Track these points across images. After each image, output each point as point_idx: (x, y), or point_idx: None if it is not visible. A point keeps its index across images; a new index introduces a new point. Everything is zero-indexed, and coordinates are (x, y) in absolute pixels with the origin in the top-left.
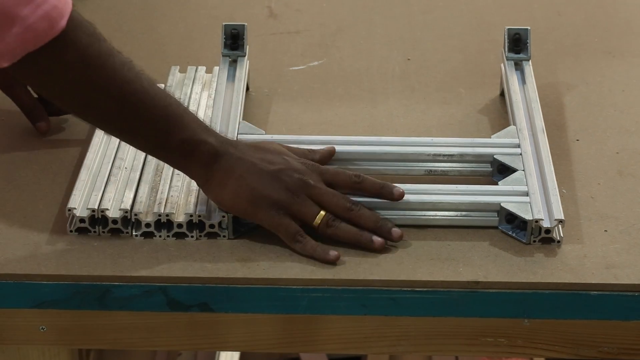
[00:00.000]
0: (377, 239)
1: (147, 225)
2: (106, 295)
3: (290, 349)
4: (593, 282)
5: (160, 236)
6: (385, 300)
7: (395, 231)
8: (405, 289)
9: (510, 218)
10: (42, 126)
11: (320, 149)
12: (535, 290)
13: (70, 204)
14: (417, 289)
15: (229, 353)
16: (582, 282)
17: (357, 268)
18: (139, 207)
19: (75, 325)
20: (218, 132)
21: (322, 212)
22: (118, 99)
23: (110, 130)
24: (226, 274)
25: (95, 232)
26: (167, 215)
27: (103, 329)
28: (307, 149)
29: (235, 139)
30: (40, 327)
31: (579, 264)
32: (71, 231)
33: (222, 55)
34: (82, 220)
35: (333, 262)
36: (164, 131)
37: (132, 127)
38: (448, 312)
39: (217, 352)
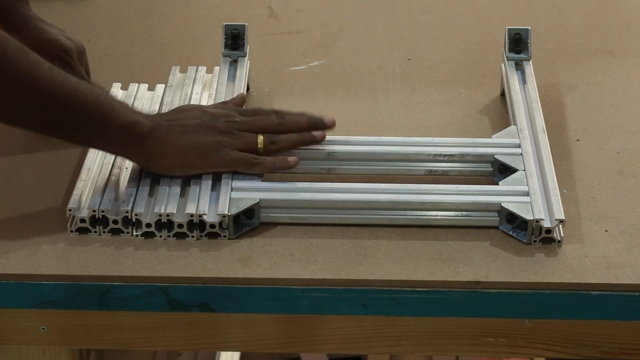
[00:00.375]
0: (317, 132)
1: (148, 225)
2: (107, 295)
3: (291, 349)
4: (594, 282)
5: (160, 236)
6: (385, 300)
7: (327, 119)
8: (405, 289)
9: (511, 218)
10: None
11: (231, 99)
12: (536, 290)
13: (71, 204)
14: (418, 289)
15: (230, 353)
16: (582, 282)
17: (358, 268)
18: (140, 207)
19: (75, 325)
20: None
21: (261, 136)
22: (53, 103)
23: (48, 132)
24: (227, 274)
25: (95, 232)
26: (167, 216)
27: (103, 329)
28: (220, 102)
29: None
30: (41, 327)
31: (580, 264)
32: (72, 231)
33: (223, 55)
34: (82, 220)
35: (294, 166)
36: (100, 123)
37: (70, 126)
38: (449, 312)
39: (218, 352)
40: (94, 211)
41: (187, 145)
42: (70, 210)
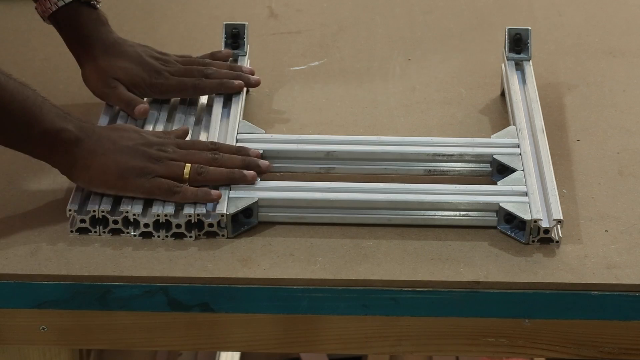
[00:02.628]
0: (248, 172)
1: (146, 225)
2: (107, 296)
3: (291, 349)
4: (594, 282)
5: (158, 236)
6: (386, 301)
7: (263, 162)
8: (406, 289)
9: (509, 218)
10: (143, 107)
11: (174, 129)
12: (536, 290)
13: (71, 204)
14: (418, 289)
15: (230, 353)
16: (582, 282)
17: (358, 268)
18: (138, 207)
19: (75, 325)
20: (80, 119)
21: (188, 165)
22: None
23: None
24: (227, 274)
25: (95, 232)
26: (165, 216)
27: (103, 329)
28: (161, 131)
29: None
30: (41, 327)
31: (580, 264)
32: (72, 231)
33: None
34: (82, 220)
35: (216, 200)
36: (24, 124)
37: None
38: (449, 312)
39: (218, 352)
40: (94, 211)
41: (111, 165)
42: (70, 210)
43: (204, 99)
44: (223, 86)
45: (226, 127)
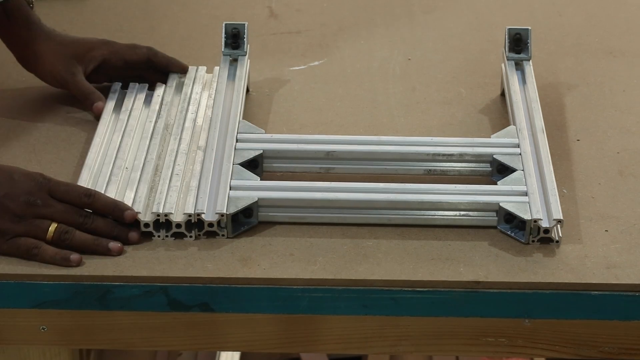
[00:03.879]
0: (114, 244)
1: (146, 225)
2: (107, 295)
3: (291, 349)
4: (594, 282)
5: (159, 236)
6: (386, 301)
7: (132, 235)
8: (406, 289)
9: (509, 218)
10: (100, 105)
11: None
12: (536, 290)
13: None
14: (418, 289)
15: (230, 353)
16: (583, 282)
17: (358, 268)
18: (138, 207)
19: (75, 325)
20: None
21: (54, 225)
22: None
23: None
24: (227, 274)
25: None
26: (165, 216)
27: (103, 329)
28: (39, 173)
29: None
30: (41, 327)
31: (580, 264)
32: None
33: (223, 54)
34: None
35: (76, 265)
36: None
37: None
38: (449, 312)
39: (218, 352)
40: None
41: None
42: None
43: (204, 101)
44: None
45: (226, 127)
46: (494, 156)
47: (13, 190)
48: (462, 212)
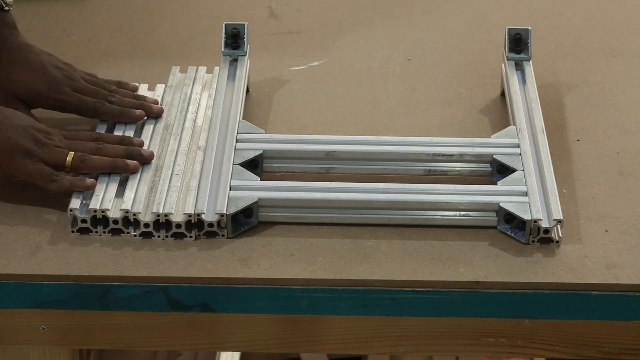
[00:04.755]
0: (131, 162)
1: (146, 225)
2: (107, 296)
3: (291, 349)
4: (594, 282)
5: (158, 236)
6: (386, 301)
7: (146, 151)
8: (406, 289)
9: (509, 218)
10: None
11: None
12: (536, 290)
13: (72, 205)
14: (418, 289)
15: (230, 353)
16: (583, 282)
17: (358, 268)
18: (138, 207)
19: (75, 325)
20: None
21: (71, 154)
22: None
23: None
24: (227, 274)
25: (96, 232)
26: (165, 216)
27: (104, 329)
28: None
29: None
30: (41, 327)
31: (580, 264)
32: (73, 231)
33: (223, 55)
34: (83, 220)
35: (90, 187)
36: None
37: None
38: (449, 312)
39: (218, 352)
40: (94, 211)
41: (2, 138)
42: (71, 210)
43: (204, 101)
44: (124, 115)
45: (226, 127)
46: (494, 156)
47: (33, 124)
48: (462, 212)
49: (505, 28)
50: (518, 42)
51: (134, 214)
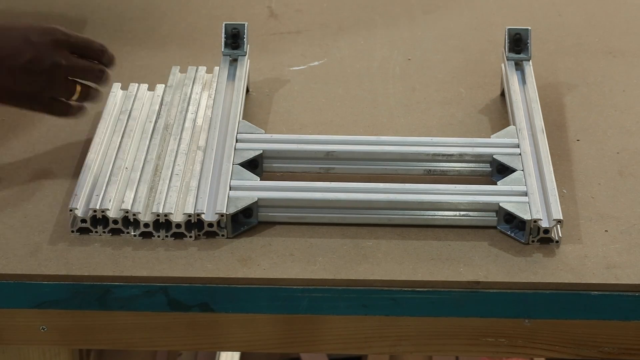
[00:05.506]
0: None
1: (146, 225)
2: (107, 295)
3: (291, 349)
4: (594, 282)
5: (158, 236)
6: (385, 301)
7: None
8: (405, 289)
9: (509, 218)
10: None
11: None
12: (536, 290)
13: (72, 204)
14: (418, 289)
15: (230, 353)
16: (582, 282)
17: (358, 268)
18: (138, 207)
19: (75, 325)
20: None
21: (78, 88)
22: None
23: None
24: (227, 274)
25: (96, 232)
26: (165, 216)
27: (103, 329)
28: (48, 26)
29: None
30: (41, 327)
31: (580, 264)
32: (73, 231)
33: (223, 55)
34: (83, 220)
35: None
36: None
37: None
38: (448, 312)
39: (218, 352)
40: (94, 211)
41: (16, 83)
42: (71, 210)
43: (204, 101)
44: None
45: (226, 127)
46: (494, 156)
47: (37, 54)
48: (462, 212)
49: (505, 28)
50: (518, 42)
51: (134, 214)
